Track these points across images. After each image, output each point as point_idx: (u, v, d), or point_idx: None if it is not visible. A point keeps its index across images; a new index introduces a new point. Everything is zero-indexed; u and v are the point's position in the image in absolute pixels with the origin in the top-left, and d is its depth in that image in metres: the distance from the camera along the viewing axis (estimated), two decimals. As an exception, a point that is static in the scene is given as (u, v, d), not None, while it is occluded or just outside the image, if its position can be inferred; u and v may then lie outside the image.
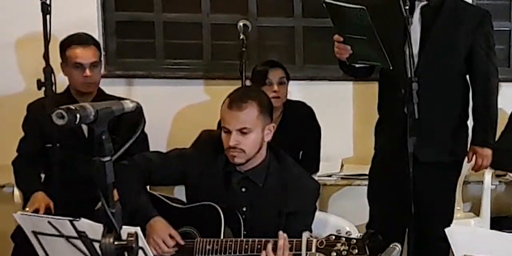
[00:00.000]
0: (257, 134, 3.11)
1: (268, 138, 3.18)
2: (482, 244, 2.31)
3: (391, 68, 3.58)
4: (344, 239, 2.75)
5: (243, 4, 5.35)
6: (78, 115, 1.77)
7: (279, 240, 2.88)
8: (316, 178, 4.10)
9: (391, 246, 2.22)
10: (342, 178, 4.90)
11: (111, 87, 4.48)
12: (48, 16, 3.70)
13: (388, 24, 3.73)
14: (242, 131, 3.07)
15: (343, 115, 5.31)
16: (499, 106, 4.02)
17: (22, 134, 4.26)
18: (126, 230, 2.41)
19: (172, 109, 5.35)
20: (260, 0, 5.37)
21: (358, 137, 5.27)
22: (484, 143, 3.99)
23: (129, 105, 1.98)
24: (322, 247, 2.80)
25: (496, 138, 4.14)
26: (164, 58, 5.48)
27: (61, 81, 4.06)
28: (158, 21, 5.45)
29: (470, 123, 4.05)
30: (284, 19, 5.44)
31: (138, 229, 2.46)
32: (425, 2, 3.85)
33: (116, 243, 1.90)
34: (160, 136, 5.12)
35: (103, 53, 4.46)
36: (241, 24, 4.56)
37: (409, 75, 3.53)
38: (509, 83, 4.84)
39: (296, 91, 4.79)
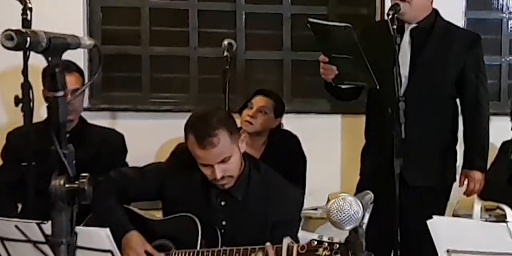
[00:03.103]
0: (236, 154, 3.01)
1: (243, 148, 3.07)
2: (466, 236, 2.20)
3: (377, 87, 3.51)
4: (326, 243, 2.65)
5: (231, 37, 5.28)
6: (28, 39, 1.68)
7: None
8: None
9: (364, 192, 2.10)
10: (328, 211, 4.76)
11: (94, 120, 4.37)
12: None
13: (378, 45, 3.71)
14: (223, 161, 2.97)
15: (331, 149, 5.25)
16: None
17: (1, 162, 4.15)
18: (97, 231, 2.33)
19: (157, 142, 5.26)
20: (248, 34, 5.36)
21: (346, 171, 5.19)
22: (475, 166, 3.93)
23: (86, 42, 1.90)
24: (303, 252, 2.69)
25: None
26: (150, 91, 5.43)
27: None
28: (145, 54, 5.41)
29: (459, 149, 3.99)
30: (273, 52, 5.43)
31: (107, 230, 2.38)
32: (414, 25, 3.82)
33: (67, 185, 1.77)
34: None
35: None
36: (225, 42, 4.49)
37: (397, 95, 3.48)
38: (500, 117, 4.78)
39: (284, 124, 4.70)
